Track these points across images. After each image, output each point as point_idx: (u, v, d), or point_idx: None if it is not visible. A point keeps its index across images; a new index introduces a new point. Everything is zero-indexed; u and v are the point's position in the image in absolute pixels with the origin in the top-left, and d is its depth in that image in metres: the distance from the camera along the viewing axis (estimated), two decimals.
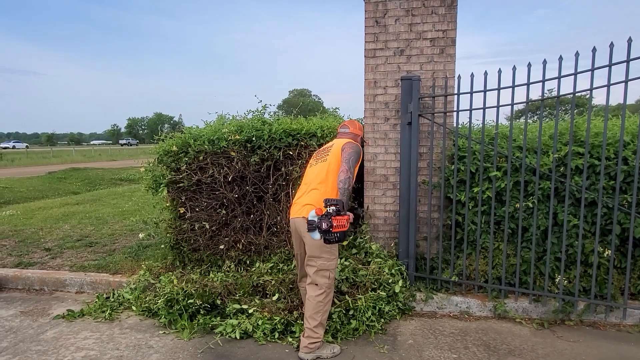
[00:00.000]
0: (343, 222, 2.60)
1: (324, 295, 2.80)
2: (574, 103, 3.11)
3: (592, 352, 2.90)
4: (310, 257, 2.82)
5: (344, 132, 3.23)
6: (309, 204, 2.80)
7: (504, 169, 3.39)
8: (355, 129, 3.25)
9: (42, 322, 3.49)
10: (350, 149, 2.92)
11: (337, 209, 2.59)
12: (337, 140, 3.11)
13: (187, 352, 2.97)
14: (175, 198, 4.04)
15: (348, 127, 3.24)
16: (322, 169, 2.92)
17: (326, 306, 2.83)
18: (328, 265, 2.80)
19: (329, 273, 2.81)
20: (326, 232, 2.57)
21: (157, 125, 16.52)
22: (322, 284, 2.80)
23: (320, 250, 2.77)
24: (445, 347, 2.99)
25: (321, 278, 2.80)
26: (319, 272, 2.80)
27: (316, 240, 2.72)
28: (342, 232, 2.61)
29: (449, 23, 3.63)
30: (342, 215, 2.60)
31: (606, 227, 3.23)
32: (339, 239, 2.63)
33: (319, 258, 2.79)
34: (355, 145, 2.99)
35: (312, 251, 2.80)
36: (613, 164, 3.15)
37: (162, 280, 3.70)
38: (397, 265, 3.60)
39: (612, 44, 2.87)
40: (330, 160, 2.92)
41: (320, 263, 2.79)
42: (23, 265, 4.57)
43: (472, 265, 3.62)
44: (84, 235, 5.79)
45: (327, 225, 2.55)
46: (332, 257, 2.81)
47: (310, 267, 2.83)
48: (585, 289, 3.37)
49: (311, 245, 2.78)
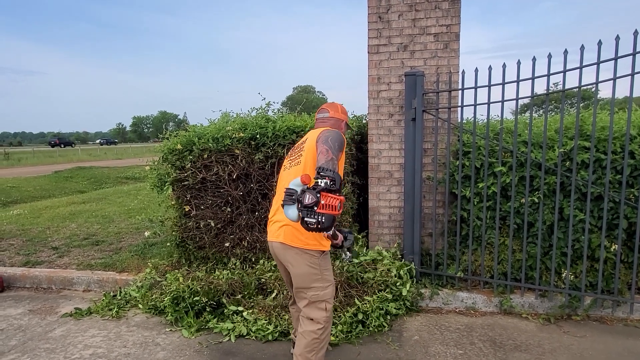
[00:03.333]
0: (335, 203, 1.83)
1: (322, 331, 2.26)
2: (579, 97, 3.08)
3: (599, 347, 2.88)
4: (299, 289, 2.28)
5: (323, 117, 2.51)
6: (288, 224, 2.19)
7: (509, 164, 3.38)
8: (337, 112, 2.51)
9: (50, 321, 3.52)
10: (327, 132, 2.23)
11: (331, 183, 1.86)
12: (312, 131, 2.41)
13: (194, 349, 2.99)
14: (181, 196, 4.06)
15: (328, 111, 2.50)
16: (297, 174, 2.20)
17: (323, 342, 2.28)
18: (322, 296, 2.25)
19: (324, 304, 2.26)
20: (308, 209, 1.80)
21: (162, 124, 16.58)
22: (320, 318, 2.25)
23: (310, 278, 2.22)
24: (451, 343, 2.98)
25: (316, 311, 2.26)
26: (312, 305, 2.26)
27: (304, 269, 2.21)
28: (329, 215, 1.80)
29: (452, 18, 3.60)
30: (334, 194, 1.86)
31: (613, 221, 3.21)
32: (323, 225, 1.80)
33: (309, 289, 2.24)
34: (335, 132, 2.26)
35: (301, 281, 2.25)
36: (619, 157, 3.13)
37: (168, 278, 3.72)
38: (405, 266, 3.58)
39: (618, 37, 2.84)
40: (304, 160, 2.24)
41: (311, 294, 2.25)
42: (31, 264, 4.61)
43: (478, 261, 3.61)
44: (90, 234, 5.83)
45: (311, 199, 1.80)
46: (326, 285, 2.26)
47: (301, 299, 2.30)
48: (592, 283, 3.36)
49: (298, 274, 2.23)
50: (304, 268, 2.22)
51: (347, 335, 3.05)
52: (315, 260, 2.23)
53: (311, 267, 2.22)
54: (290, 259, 2.24)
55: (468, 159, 3.54)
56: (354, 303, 3.23)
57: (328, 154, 2.04)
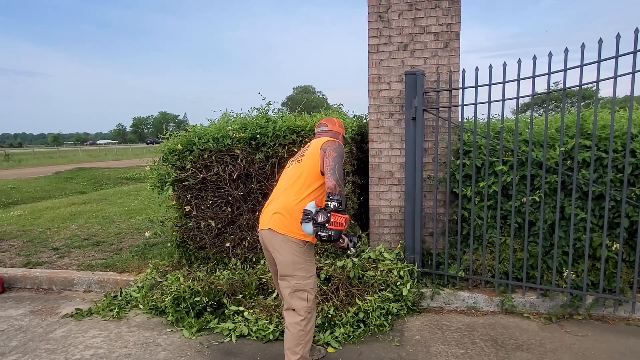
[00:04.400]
0: (341, 220, 2.31)
1: (305, 322, 2.41)
2: (580, 95, 3.08)
3: (601, 346, 2.88)
4: (283, 277, 2.45)
5: (322, 130, 2.75)
6: (278, 212, 2.42)
7: (510, 163, 3.37)
8: (335, 126, 2.76)
9: (51, 321, 3.52)
10: (333, 151, 2.46)
11: (338, 205, 2.31)
12: (315, 140, 2.66)
13: (195, 349, 2.98)
14: (181, 196, 4.05)
15: (326, 125, 2.75)
16: (296, 171, 2.52)
17: (308, 335, 2.44)
18: (304, 285, 2.42)
19: (306, 294, 2.42)
20: (321, 226, 2.27)
21: (162, 124, 16.57)
22: (300, 308, 2.41)
23: (294, 266, 2.41)
24: (453, 343, 2.98)
25: (298, 301, 2.42)
26: (294, 294, 2.42)
27: (288, 256, 2.40)
28: (337, 230, 2.29)
29: (452, 17, 3.60)
30: (341, 214, 2.32)
31: (614, 220, 3.20)
32: (332, 238, 2.29)
33: (292, 277, 2.42)
34: (337, 144, 2.54)
35: (285, 269, 2.43)
36: (620, 156, 3.12)
37: (168, 278, 3.71)
38: (406, 267, 3.58)
39: (618, 35, 2.84)
40: (305, 161, 2.52)
41: (294, 283, 2.42)
42: (31, 265, 4.61)
43: (479, 260, 3.60)
44: (91, 235, 5.83)
45: (323, 218, 2.26)
46: (308, 275, 2.44)
47: (284, 288, 2.46)
48: (594, 282, 3.35)
49: (283, 261, 2.41)
50: (289, 256, 2.40)
51: (349, 336, 3.05)
52: (299, 249, 2.42)
53: (295, 255, 2.41)
54: (277, 245, 2.42)
55: (469, 158, 3.53)
56: (355, 302, 3.22)
57: (336, 189, 2.33)
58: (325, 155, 2.45)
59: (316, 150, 2.50)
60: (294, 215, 2.39)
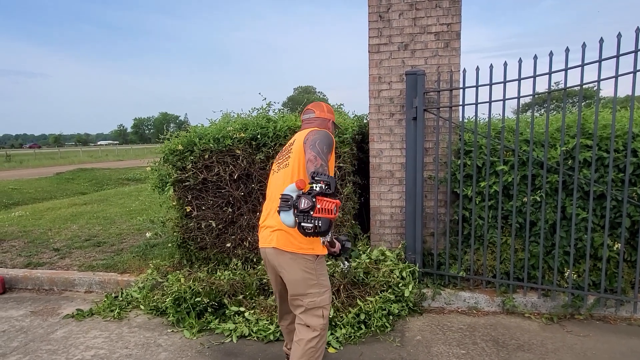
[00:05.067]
0: (330, 206, 1.75)
1: (318, 339, 2.18)
2: (581, 95, 3.07)
3: (603, 346, 2.87)
4: (295, 297, 2.20)
5: (309, 118, 2.43)
6: (279, 229, 2.14)
7: (511, 162, 3.36)
8: (323, 112, 2.44)
9: (51, 322, 3.52)
10: (314, 134, 2.15)
11: (326, 187, 1.79)
12: (299, 133, 2.33)
13: (195, 349, 2.98)
14: (182, 197, 4.05)
15: (313, 111, 2.43)
16: (286, 177, 2.18)
17: (319, 352, 2.20)
18: (320, 302, 2.17)
19: (322, 311, 2.19)
20: (304, 214, 1.75)
21: (163, 125, 16.67)
22: (316, 326, 2.17)
23: (306, 284, 2.14)
24: (454, 343, 2.97)
25: (314, 318, 2.18)
26: (308, 312, 2.18)
27: (299, 274, 2.14)
28: (325, 219, 1.75)
29: (453, 16, 3.59)
30: (330, 198, 1.77)
31: (615, 220, 3.19)
32: (320, 229, 1.74)
33: (305, 296, 2.16)
34: (322, 132, 2.20)
35: (296, 288, 2.16)
36: (622, 156, 3.11)
37: (169, 278, 3.71)
38: (408, 268, 3.56)
39: (619, 35, 2.83)
40: (292, 163, 2.19)
41: (308, 302, 2.16)
42: (32, 266, 4.61)
43: (480, 261, 3.59)
44: (92, 235, 5.83)
45: (307, 204, 1.74)
46: (323, 290, 2.19)
47: (297, 307, 2.22)
48: (595, 282, 3.34)
49: (293, 280, 2.15)
50: (299, 273, 2.14)
51: (350, 337, 3.04)
52: (310, 265, 2.16)
53: (306, 272, 2.15)
54: (284, 264, 2.15)
55: (469, 158, 3.53)
56: (356, 304, 3.22)
57: (317, 161, 1.96)
58: (306, 142, 2.12)
59: (300, 145, 2.18)
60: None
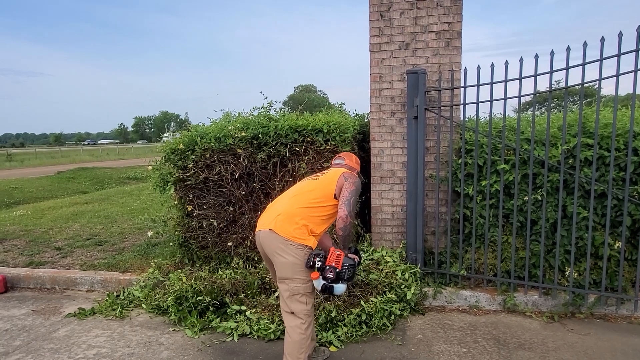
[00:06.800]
0: (340, 258, 2.36)
1: (305, 326, 2.40)
2: (582, 94, 3.07)
3: (603, 344, 2.87)
4: (282, 279, 2.42)
5: (339, 163, 2.78)
6: (282, 214, 2.42)
7: (512, 161, 3.36)
8: (352, 162, 2.79)
9: (54, 321, 3.53)
10: (353, 184, 2.49)
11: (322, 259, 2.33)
12: (335, 169, 2.70)
13: (197, 348, 2.99)
14: (183, 196, 4.06)
15: (344, 159, 2.78)
16: (310, 184, 2.57)
17: (308, 339, 2.43)
18: (304, 289, 2.40)
19: (305, 298, 2.41)
20: (338, 274, 2.31)
21: (164, 124, 16.64)
22: (300, 312, 2.40)
23: (294, 269, 2.36)
24: (455, 342, 2.98)
25: (297, 304, 2.40)
26: (293, 297, 2.40)
27: (288, 258, 2.36)
28: (351, 265, 2.35)
29: (454, 15, 3.59)
30: (337, 254, 2.36)
31: (616, 219, 3.20)
32: (352, 276, 2.36)
33: (291, 280, 2.39)
34: (357, 178, 2.59)
35: (284, 271, 2.39)
36: (623, 155, 3.11)
37: (171, 277, 3.72)
38: (410, 269, 3.57)
39: (620, 33, 2.83)
40: (323, 180, 2.56)
41: (293, 286, 2.39)
42: (34, 265, 4.62)
43: (481, 259, 3.60)
44: (93, 234, 5.84)
45: (332, 273, 2.30)
46: (307, 279, 2.41)
47: (283, 290, 2.43)
48: (596, 281, 3.34)
49: (282, 263, 2.37)
50: (290, 257, 2.36)
51: (352, 336, 3.04)
52: (300, 253, 2.37)
53: (296, 257, 2.36)
54: (276, 247, 2.37)
55: (470, 157, 3.53)
56: (358, 304, 3.22)
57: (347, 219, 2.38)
58: (345, 185, 2.48)
59: (335, 175, 2.55)
60: (296, 220, 2.39)
